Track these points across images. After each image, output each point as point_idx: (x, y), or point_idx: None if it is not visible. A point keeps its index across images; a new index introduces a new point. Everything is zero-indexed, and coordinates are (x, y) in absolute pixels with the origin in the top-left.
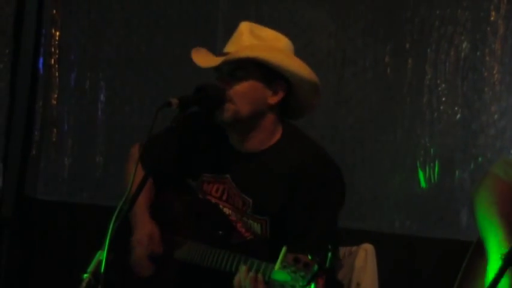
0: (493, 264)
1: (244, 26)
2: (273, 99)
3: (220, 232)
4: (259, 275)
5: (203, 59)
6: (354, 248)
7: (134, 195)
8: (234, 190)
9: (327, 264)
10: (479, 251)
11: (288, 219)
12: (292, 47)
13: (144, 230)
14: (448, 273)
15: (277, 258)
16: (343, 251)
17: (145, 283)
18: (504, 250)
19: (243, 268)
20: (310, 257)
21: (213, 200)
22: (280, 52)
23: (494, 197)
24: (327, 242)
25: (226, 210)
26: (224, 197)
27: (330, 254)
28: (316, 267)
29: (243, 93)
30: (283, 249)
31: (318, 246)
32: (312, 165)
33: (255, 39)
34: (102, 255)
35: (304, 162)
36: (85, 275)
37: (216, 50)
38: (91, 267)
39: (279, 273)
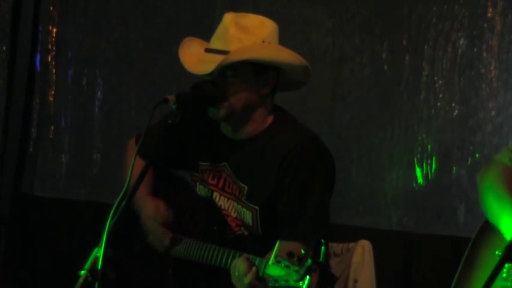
0: None
1: (229, 18)
2: (265, 90)
3: (214, 228)
4: (254, 268)
5: (192, 61)
6: (351, 245)
7: (134, 188)
8: (231, 177)
9: (321, 258)
10: (479, 244)
11: (279, 204)
12: (277, 28)
13: (149, 205)
14: (445, 269)
15: (270, 252)
16: (340, 247)
17: (143, 279)
18: None
19: (241, 261)
20: (303, 251)
21: (210, 188)
22: (270, 46)
23: (502, 180)
24: (319, 227)
25: (222, 200)
26: (220, 185)
27: (323, 248)
28: (309, 261)
29: (236, 92)
30: (277, 244)
31: (310, 232)
32: (302, 149)
33: (241, 32)
34: (99, 251)
35: (294, 146)
36: (82, 272)
37: None
38: (88, 264)
39: (272, 268)
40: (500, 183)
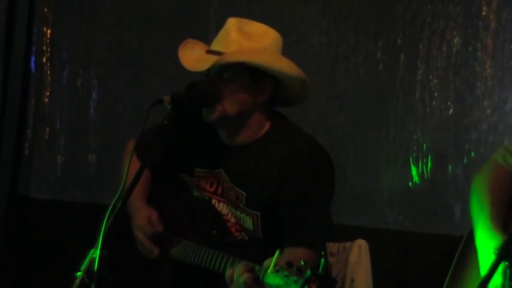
0: (482, 253)
1: (232, 22)
2: (261, 98)
3: (214, 231)
4: (254, 274)
5: (190, 59)
6: (348, 244)
7: (129, 189)
8: (228, 184)
9: (320, 270)
10: (470, 243)
11: (281, 209)
12: (281, 39)
13: (141, 214)
14: (441, 268)
15: (270, 259)
16: (337, 246)
17: (141, 281)
18: (491, 240)
19: (240, 265)
20: (302, 262)
21: (208, 195)
22: (269, 53)
23: (491, 183)
24: (322, 231)
25: (221, 206)
26: (218, 192)
27: (322, 260)
28: (309, 272)
29: (231, 95)
30: (276, 253)
31: (314, 236)
32: (301, 153)
33: (243, 37)
34: (95, 253)
35: (293, 151)
36: (78, 273)
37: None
38: (84, 266)
39: (271, 277)
40: (485, 187)
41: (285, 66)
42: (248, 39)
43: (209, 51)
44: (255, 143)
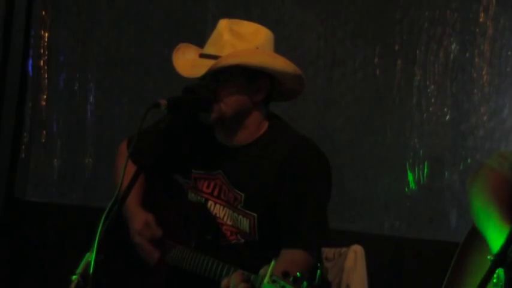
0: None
1: (223, 24)
2: (257, 97)
3: (208, 236)
4: (250, 284)
5: (184, 65)
6: (344, 249)
7: (125, 193)
8: (227, 185)
9: (316, 281)
10: (467, 249)
11: (279, 210)
12: (272, 36)
13: (139, 219)
14: (438, 274)
15: (265, 264)
16: (333, 252)
17: (135, 285)
18: (504, 236)
19: (235, 274)
20: (299, 274)
21: (204, 197)
22: (262, 52)
23: (490, 186)
24: (320, 232)
25: (217, 208)
26: (215, 193)
27: (319, 272)
28: (305, 283)
29: (227, 97)
30: (272, 262)
31: (312, 238)
32: (299, 154)
33: (235, 38)
34: (90, 256)
35: (292, 152)
36: (74, 277)
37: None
38: (80, 269)
39: (268, 287)
40: (487, 190)
41: (280, 63)
42: (241, 40)
43: (203, 55)
44: (253, 143)
